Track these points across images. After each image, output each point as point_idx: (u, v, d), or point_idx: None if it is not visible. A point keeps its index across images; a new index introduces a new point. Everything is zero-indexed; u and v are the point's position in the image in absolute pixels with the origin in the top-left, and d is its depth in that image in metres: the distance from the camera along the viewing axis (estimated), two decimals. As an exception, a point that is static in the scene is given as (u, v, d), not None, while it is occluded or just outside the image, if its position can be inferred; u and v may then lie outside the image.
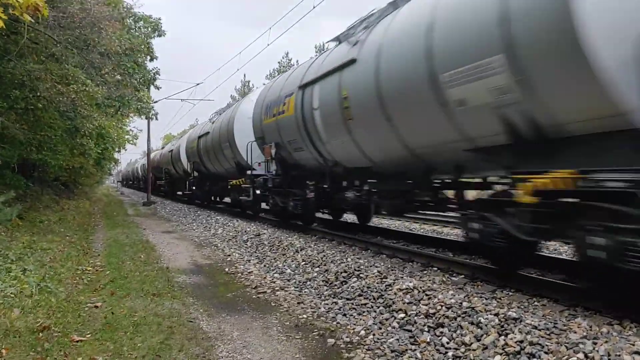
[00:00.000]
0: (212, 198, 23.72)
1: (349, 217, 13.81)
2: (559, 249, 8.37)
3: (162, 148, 35.27)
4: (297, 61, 52.72)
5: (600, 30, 4.20)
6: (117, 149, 30.99)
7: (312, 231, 11.68)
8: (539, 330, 4.09)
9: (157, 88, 19.75)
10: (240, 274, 8.05)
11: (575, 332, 3.97)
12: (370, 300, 5.87)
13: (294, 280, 7.45)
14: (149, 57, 17.14)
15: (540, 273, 6.49)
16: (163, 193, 34.24)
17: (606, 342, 3.73)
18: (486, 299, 5.21)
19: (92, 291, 6.77)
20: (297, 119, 10.33)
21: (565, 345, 3.79)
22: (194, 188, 23.60)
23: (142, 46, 15.74)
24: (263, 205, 15.08)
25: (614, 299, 4.82)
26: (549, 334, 4.01)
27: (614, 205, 4.35)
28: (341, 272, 7.04)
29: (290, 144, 11.14)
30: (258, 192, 13.77)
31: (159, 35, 17.85)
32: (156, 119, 22.15)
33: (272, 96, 12.22)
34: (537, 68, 4.78)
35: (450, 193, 7.58)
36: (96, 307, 5.91)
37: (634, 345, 3.62)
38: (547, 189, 4.85)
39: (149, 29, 17.41)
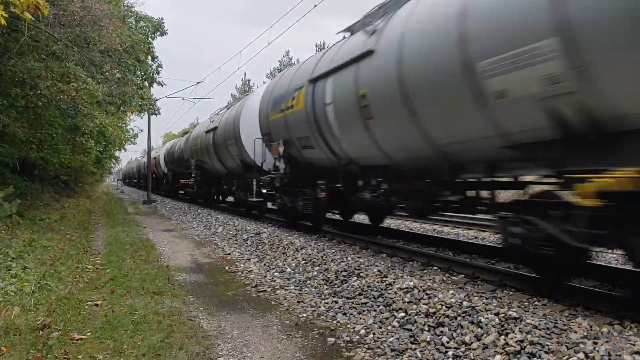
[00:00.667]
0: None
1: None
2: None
3: (184, 134, 31.07)
4: (297, 60, 52.74)
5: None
6: (117, 148, 30.96)
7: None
8: (540, 329, 4.09)
9: (161, 85, 19.76)
10: (240, 273, 8.05)
11: (576, 332, 3.97)
12: (370, 299, 5.87)
13: (294, 279, 7.44)
14: (150, 57, 17.16)
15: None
16: (201, 199, 24.45)
17: (607, 342, 3.73)
18: (486, 298, 5.21)
19: (93, 289, 6.77)
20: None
21: (565, 345, 3.79)
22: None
23: (143, 44, 15.75)
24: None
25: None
26: (549, 334, 4.01)
27: None
28: (341, 271, 7.04)
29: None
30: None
31: (161, 34, 17.87)
32: (159, 113, 22.14)
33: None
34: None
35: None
36: (96, 305, 5.91)
37: (634, 345, 3.62)
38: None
39: (151, 28, 17.41)
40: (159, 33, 17.73)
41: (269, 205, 14.85)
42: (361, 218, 13.59)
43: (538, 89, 4.72)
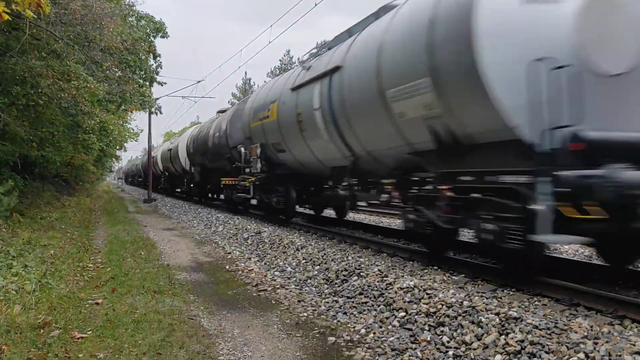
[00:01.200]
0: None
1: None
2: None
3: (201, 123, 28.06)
4: (298, 59, 52.72)
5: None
6: (118, 147, 30.97)
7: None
8: (540, 329, 4.09)
9: (161, 84, 19.78)
10: (240, 272, 8.05)
11: (576, 332, 3.97)
12: (370, 298, 5.87)
13: (295, 279, 7.45)
14: (151, 55, 17.16)
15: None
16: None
17: (607, 342, 3.73)
18: (487, 298, 5.21)
19: (93, 288, 6.78)
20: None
21: (566, 345, 3.78)
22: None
23: (144, 42, 15.75)
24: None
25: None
26: (549, 334, 4.01)
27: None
28: (342, 271, 7.04)
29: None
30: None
31: (163, 37, 17.90)
32: (160, 112, 22.13)
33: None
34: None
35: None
36: (97, 303, 5.91)
37: (634, 345, 3.62)
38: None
39: (152, 28, 17.42)
40: (160, 35, 17.75)
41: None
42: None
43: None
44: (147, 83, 17.90)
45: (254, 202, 15.76)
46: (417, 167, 7.36)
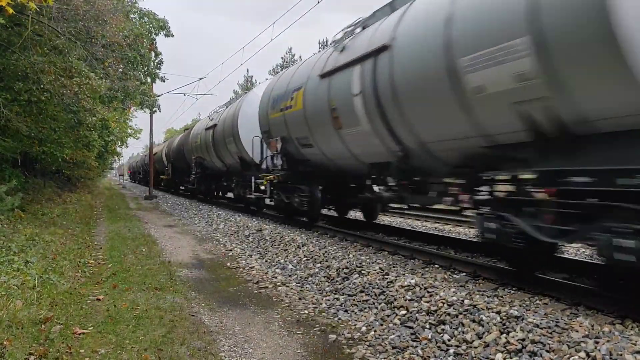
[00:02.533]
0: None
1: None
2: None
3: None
4: (300, 56, 52.74)
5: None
6: (119, 144, 31.00)
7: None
8: (541, 328, 4.09)
9: (163, 80, 19.77)
10: (242, 269, 8.06)
11: (577, 331, 3.97)
12: (371, 296, 5.88)
13: (296, 276, 7.45)
14: (153, 53, 17.16)
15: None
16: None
17: (608, 341, 3.73)
18: (488, 296, 5.22)
19: (94, 284, 6.78)
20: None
21: (567, 344, 3.79)
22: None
23: (146, 39, 15.75)
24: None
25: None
26: (550, 333, 4.02)
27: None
28: (343, 268, 7.05)
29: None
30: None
31: (166, 35, 17.88)
32: (159, 110, 22.11)
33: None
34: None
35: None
36: (98, 300, 5.92)
37: (635, 344, 3.63)
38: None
39: (154, 26, 17.41)
40: (164, 32, 17.73)
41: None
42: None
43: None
44: (149, 80, 17.90)
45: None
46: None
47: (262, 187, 13.52)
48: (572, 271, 6.32)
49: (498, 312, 4.56)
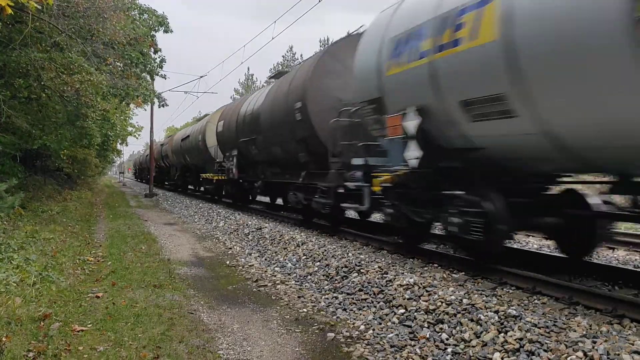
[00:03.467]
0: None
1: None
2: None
3: None
4: (301, 55, 52.70)
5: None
6: (120, 141, 31.00)
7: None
8: (539, 328, 4.10)
9: (163, 77, 19.76)
10: (241, 267, 8.07)
11: (575, 331, 3.98)
12: (370, 295, 5.88)
13: (295, 274, 7.46)
14: (152, 49, 17.16)
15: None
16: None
17: (605, 341, 3.74)
18: (486, 296, 5.22)
19: (94, 281, 6.79)
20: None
21: (564, 344, 3.80)
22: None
23: (146, 37, 15.74)
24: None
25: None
26: (548, 332, 4.02)
27: None
28: (342, 267, 7.05)
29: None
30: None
31: (166, 32, 17.87)
32: (166, 104, 21.91)
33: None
34: None
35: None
36: (97, 297, 5.93)
37: (633, 344, 3.63)
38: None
39: (154, 22, 17.40)
40: (163, 29, 17.71)
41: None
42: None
43: None
44: (149, 77, 17.89)
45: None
46: None
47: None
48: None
49: (496, 312, 4.57)
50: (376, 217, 11.85)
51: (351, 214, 11.97)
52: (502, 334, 4.18)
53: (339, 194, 9.43)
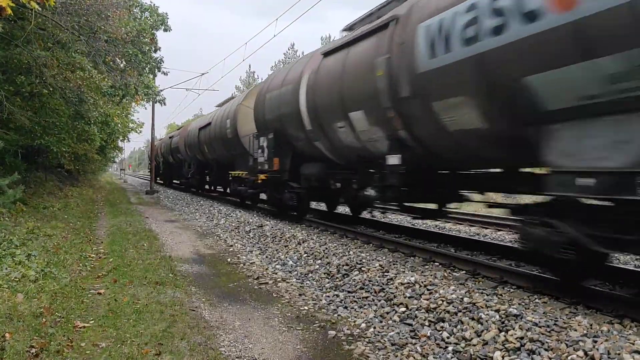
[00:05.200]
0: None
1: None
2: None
3: None
4: (302, 52, 52.68)
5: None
6: (121, 138, 31.00)
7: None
8: (540, 327, 4.11)
9: (165, 73, 19.78)
10: (242, 265, 8.08)
11: (576, 330, 3.99)
12: (371, 293, 5.89)
13: (296, 272, 7.48)
14: (153, 48, 17.19)
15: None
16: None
17: (606, 340, 3.75)
18: (487, 295, 5.23)
19: (95, 278, 6.81)
20: None
21: (565, 343, 3.81)
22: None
23: (147, 34, 15.77)
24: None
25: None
26: (549, 331, 4.03)
27: None
28: (343, 265, 7.07)
29: None
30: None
31: (165, 30, 17.88)
32: (164, 103, 21.93)
33: None
34: None
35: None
36: (99, 293, 5.95)
37: (633, 344, 3.64)
38: None
39: (155, 20, 17.42)
40: (163, 28, 17.72)
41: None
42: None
43: None
44: (150, 75, 17.91)
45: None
46: None
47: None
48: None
49: (497, 311, 4.58)
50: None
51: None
52: (503, 333, 4.19)
53: None
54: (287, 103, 11.19)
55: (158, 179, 38.55)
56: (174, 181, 34.22)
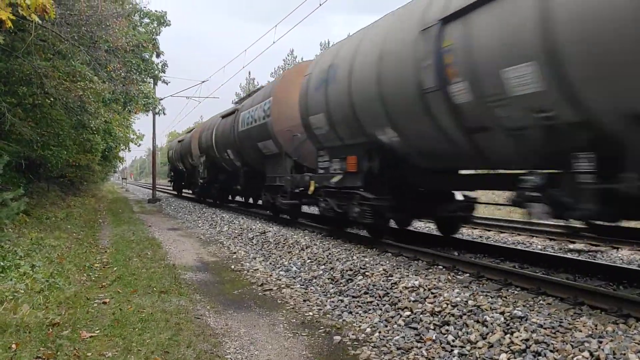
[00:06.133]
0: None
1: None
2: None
3: None
4: (302, 58, 52.81)
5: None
6: (122, 147, 31.04)
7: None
8: (545, 328, 4.12)
9: (166, 83, 19.81)
10: (246, 272, 8.09)
11: (581, 331, 4.00)
12: (375, 298, 5.90)
13: (300, 278, 7.49)
14: (155, 53, 17.22)
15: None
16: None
17: (611, 340, 3.76)
18: (492, 297, 5.24)
19: (100, 287, 6.83)
20: None
21: (570, 344, 3.81)
22: None
23: (148, 42, 15.81)
24: None
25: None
26: (554, 333, 4.04)
27: None
28: (347, 270, 7.08)
29: None
30: None
31: (165, 25, 17.82)
32: (164, 113, 21.92)
33: None
34: None
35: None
36: (104, 303, 5.96)
37: (639, 344, 3.65)
38: None
39: (155, 24, 17.45)
40: (163, 25, 17.67)
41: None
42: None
43: None
44: (152, 83, 17.96)
45: None
46: None
47: None
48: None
49: (502, 313, 4.59)
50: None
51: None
52: (508, 335, 4.20)
53: None
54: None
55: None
56: (184, 190, 29.74)
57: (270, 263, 8.80)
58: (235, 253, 9.91)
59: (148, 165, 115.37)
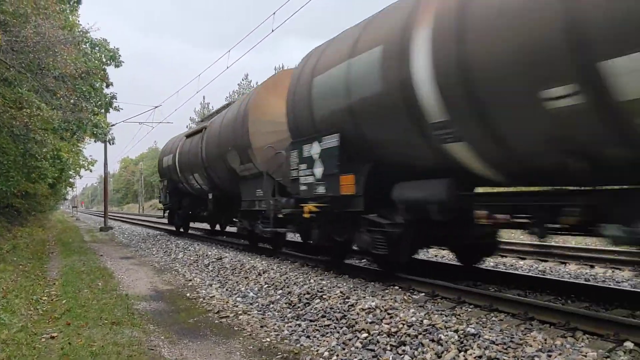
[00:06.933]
0: None
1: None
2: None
3: None
4: (256, 83, 53.00)
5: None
6: (73, 173, 30.10)
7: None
8: (497, 345, 4.21)
9: (117, 110, 19.47)
10: (202, 299, 7.94)
11: (531, 346, 4.11)
12: (333, 321, 5.90)
13: (257, 304, 7.41)
14: (105, 84, 16.95)
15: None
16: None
17: (560, 354, 3.88)
18: (446, 315, 5.32)
19: (48, 321, 6.56)
20: None
21: (521, 359, 3.91)
22: None
23: (98, 70, 15.56)
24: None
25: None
26: (506, 349, 4.14)
27: None
28: (304, 294, 7.05)
29: None
30: None
31: (116, 66, 17.59)
32: (113, 143, 21.56)
33: None
34: None
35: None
36: (52, 337, 5.73)
37: (586, 356, 3.78)
38: None
39: (106, 56, 17.17)
40: (114, 63, 17.43)
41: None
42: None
43: None
44: (102, 111, 17.63)
45: None
46: None
47: None
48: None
49: (456, 331, 4.66)
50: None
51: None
52: (462, 353, 4.27)
53: None
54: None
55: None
56: (189, 212, 19.16)
57: (226, 289, 8.67)
58: (190, 280, 9.73)
59: (100, 192, 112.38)
